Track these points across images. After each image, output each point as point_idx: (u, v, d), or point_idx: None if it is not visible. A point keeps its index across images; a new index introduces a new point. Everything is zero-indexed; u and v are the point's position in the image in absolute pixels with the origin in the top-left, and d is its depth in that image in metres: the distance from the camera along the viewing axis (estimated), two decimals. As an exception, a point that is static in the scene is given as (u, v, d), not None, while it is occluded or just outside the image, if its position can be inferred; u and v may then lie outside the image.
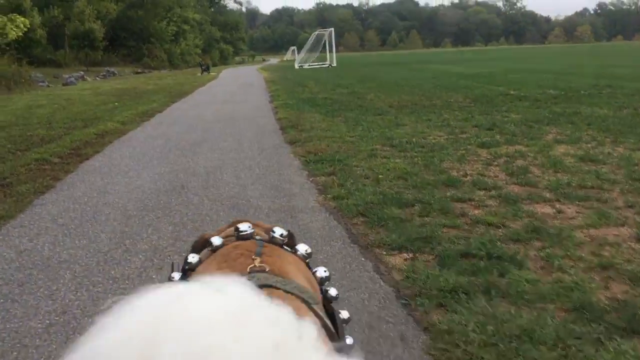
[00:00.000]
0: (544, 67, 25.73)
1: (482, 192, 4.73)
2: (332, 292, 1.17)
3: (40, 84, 26.28)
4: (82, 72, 37.49)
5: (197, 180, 5.62)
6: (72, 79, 28.11)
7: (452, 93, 14.31)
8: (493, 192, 4.70)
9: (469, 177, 5.27)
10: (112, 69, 40.60)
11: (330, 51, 40.38)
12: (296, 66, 39.78)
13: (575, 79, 17.30)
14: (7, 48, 22.89)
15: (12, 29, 22.38)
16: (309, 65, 39.39)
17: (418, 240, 3.54)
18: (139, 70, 50.67)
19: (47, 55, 46.73)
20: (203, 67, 35.78)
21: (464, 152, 6.54)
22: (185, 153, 7.18)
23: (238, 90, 19.23)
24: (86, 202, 4.90)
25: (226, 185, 5.41)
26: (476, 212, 4.19)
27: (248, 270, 0.96)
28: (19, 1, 35.34)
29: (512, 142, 7.02)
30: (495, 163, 5.90)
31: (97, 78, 36.84)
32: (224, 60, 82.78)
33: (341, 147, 7.09)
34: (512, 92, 13.79)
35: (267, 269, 0.97)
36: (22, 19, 23.23)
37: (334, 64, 38.78)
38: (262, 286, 0.86)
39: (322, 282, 1.16)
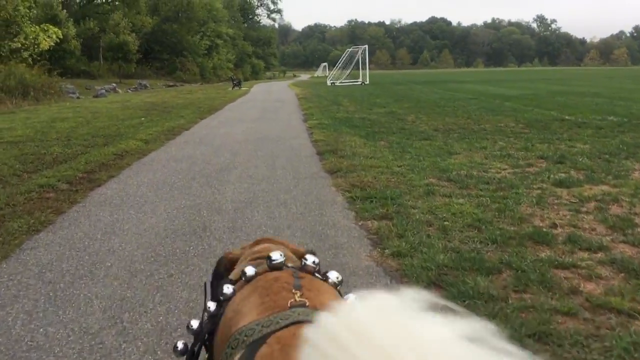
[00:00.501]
0: (588, 90, 24.35)
1: (585, 254, 3.66)
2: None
3: (71, 95, 26.00)
4: (114, 84, 37.39)
5: (222, 220, 4.68)
6: (103, 91, 27.81)
7: (500, 117, 13.21)
8: (601, 255, 3.63)
9: (560, 230, 4.20)
10: (144, 82, 40.48)
11: (363, 68, 39.56)
12: (328, 83, 39.04)
13: (634, 104, 15.98)
14: (39, 58, 22.56)
15: (44, 39, 22.08)
16: (341, 83, 38.61)
17: (529, 339, 2.50)
18: (171, 84, 50.66)
19: (81, 67, 47.07)
20: (235, 82, 35.30)
21: (539, 192, 5.46)
22: (211, 182, 6.26)
23: (270, 107, 18.43)
24: (86, 247, 3.99)
25: (257, 228, 4.45)
26: (590, 287, 3.12)
27: (289, 305, 0.98)
28: (54, 12, 35.51)
29: (594, 181, 5.91)
30: (585, 209, 4.81)
31: (129, 90, 36.67)
32: (255, 75, 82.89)
33: (390, 180, 6.08)
34: (567, 117, 12.61)
35: (306, 304, 0.98)
36: (55, 29, 23.00)
37: (367, 82, 37.92)
38: (300, 322, 0.90)
39: None
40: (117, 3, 55.88)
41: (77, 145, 9.03)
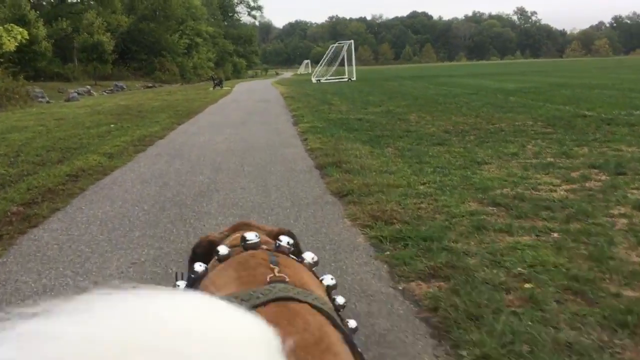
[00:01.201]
0: (589, 82, 23.18)
1: None
2: (340, 300, 1.15)
3: (40, 100, 24.24)
4: (89, 87, 35.60)
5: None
6: (75, 94, 26.05)
7: (511, 114, 11.88)
8: None
9: None
10: (120, 84, 38.66)
11: (350, 64, 38.13)
12: (313, 80, 37.53)
13: (650, 96, 14.77)
14: (2, 60, 20.79)
15: (8, 39, 20.30)
16: (327, 80, 37.14)
17: None
18: (150, 85, 48.81)
19: (55, 69, 45.03)
20: (216, 82, 33.59)
21: (625, 221, 4.07)
22: (185, 214, 4.78)
23: (254, 108, 16.91)
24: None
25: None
26: None
27: (268, 279, 0.94)
28: (23, 12, 33.57)
29: (684, 200, 4.55)
30: None
31: (104, 93, 34.89)
32: (237, 74, 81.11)
33: (420, 207, 4.66)
34: (588, 113, 11.29)
35: (286, 279, 0.96)
36: (20, 29, 21.19)
37: (354, 78, 36.48)
38: (283, 298, 0.87)
39: (329, 290, 1.13)
40: (91, 2, 53.76)
41: (26, 163, 7.48)
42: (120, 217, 4.73)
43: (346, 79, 36.55)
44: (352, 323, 1.15)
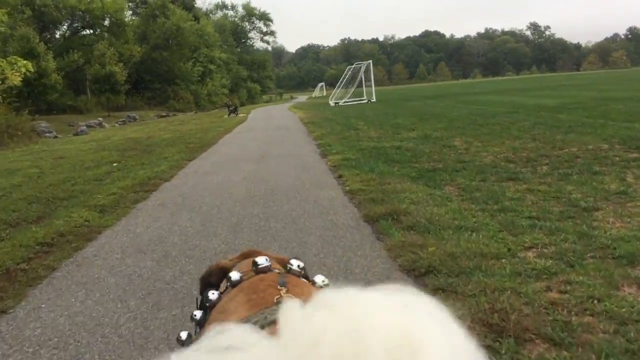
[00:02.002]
0: (635, 95, 21.32)
1: None
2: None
3: (47, 135, 23.03)
4: (100, 119, 34.55)
5: None
6: (84, 127, 24.86)
7: (573, 134, 10.18)
8: None
9: None
10: (132, 114, 37.61)
11: (368, 85, 36.67)
12: (331, 103, 36.10)
13: None
14: (5, 95, 19.62)
15: (11, 73, 19.13)
16: (345, 102, 35.69)
17: None
18: (164, 114, 47.85)
19: (67, 102, 44.27)
20: (231, 109, 32.25)
21: None
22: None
23: (274, 137, 15.36)
24: None
25: None
26: None
27: (275, 300, 0.95)
28: (32, 45, 32.74)
29: None
30: None
31: (117, 124, 33.78)
32: (252, 99, 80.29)
33: (556, 302, 2.96)
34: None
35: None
36: (24, 61, 20.01)
37: (374, 99, 34.97)
38: None
39: None
40: (104, 33, 53.26)
41: (-5, 223, 5.93)
42: (91, 329, 3.09)
43: (365, 101, 35.06)
44: None
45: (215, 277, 1.30)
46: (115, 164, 10.43)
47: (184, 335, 1.21)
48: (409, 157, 8.90)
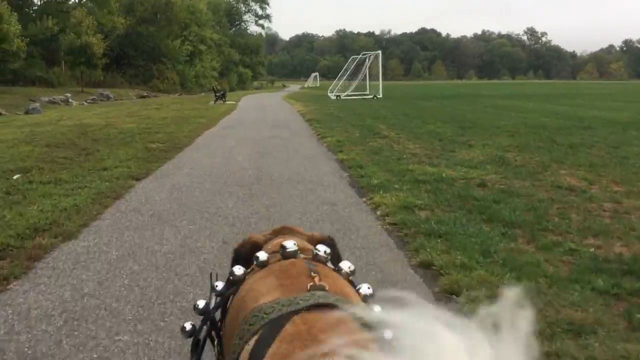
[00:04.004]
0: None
1: None
2: (376, 309, 1.10)
3: (-10, 111, 18.74)
4: (68, 95, 30.13)
5: None
6: (37, 105, 20.52)
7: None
8: None
9: None
10: (106, 92, 33.20)
11: (375, 79, 32.71)
12: (332, 96, 32.12)
13: None
14: None
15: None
16: (347, 96, 31.75)
17: None
18: (145, 94, 43.42)
19: (37, 73, 39.67)
20: (218, 94, 27.93)
21: None
22: None
23: (272, 140, 11.32)
24: None
25: None
26: None
27: (308, 287, 0.99)
28: (-7, 5, 28.21)
29: None
30: None
31: (85, 103, 29.43)
32: (242, 85, 75.85)
33: None
34: None
35: (326, 287, 0.99)
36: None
37: (380, 95, 31.01)
38: (323, 305, 0.92)
39: (365, 299, 1.13)
40: (84, 0, 48.43)
41: None
42: None
43: (371, 96, 31.12)
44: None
45: (245, 250, 1.31)
46: (16, 177, 6.37)
47: (201, 304, 1.26)
48: (521, 216, 4.92)
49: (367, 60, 34.29)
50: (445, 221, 4.57)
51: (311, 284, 0.99)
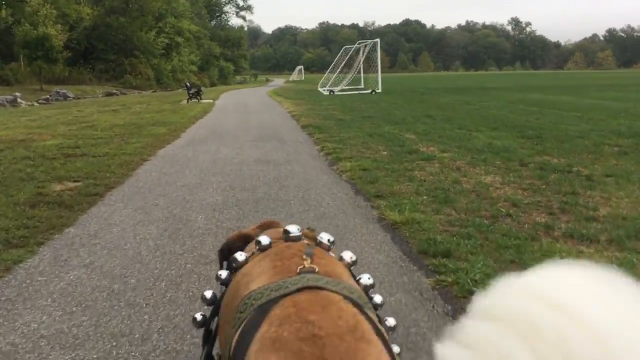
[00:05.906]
0: None
1: None
2: (377, 299, 1.12)
3: None
4: (17, 94, 25.79)
5: None
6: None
7: None
8: None
9: None
10: (64, 91, 28.78)
11: (373, 71, 28.82)
12: (324, 91, 28.20)
13: None
14: None
15: None
16: (342, 91, 27.86)
17: None
18: (114, 91, 39.03)
19: (-13, 69, 35.21)
20: (191, 92, 23.68)
21: None
22: None
23: (257, 171, 7.38)
24: None
25: None
26: None
27: (298, 270, 0.96)
28: None
29: None
30: None
31: (36, 103, 25.12)
32: (224, 79, 71.47)
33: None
34: None
35: (316, 270, 0.97)
36: None
37: (379, 90, 27.13)
38: (310, 287, 0.89)
39: (366, 289, 1.10)
40: (46, -12, 43.73)
41: None
42: None
43: (369, 91, 27.25)
44: (390, 321, 1.13)
45: (238, 243, 1.30)
46: None
47: (208, 294, 1.26)
48: None
49: (361, 50, 30.38)
50: None
51: (301, 266, 0.97)
